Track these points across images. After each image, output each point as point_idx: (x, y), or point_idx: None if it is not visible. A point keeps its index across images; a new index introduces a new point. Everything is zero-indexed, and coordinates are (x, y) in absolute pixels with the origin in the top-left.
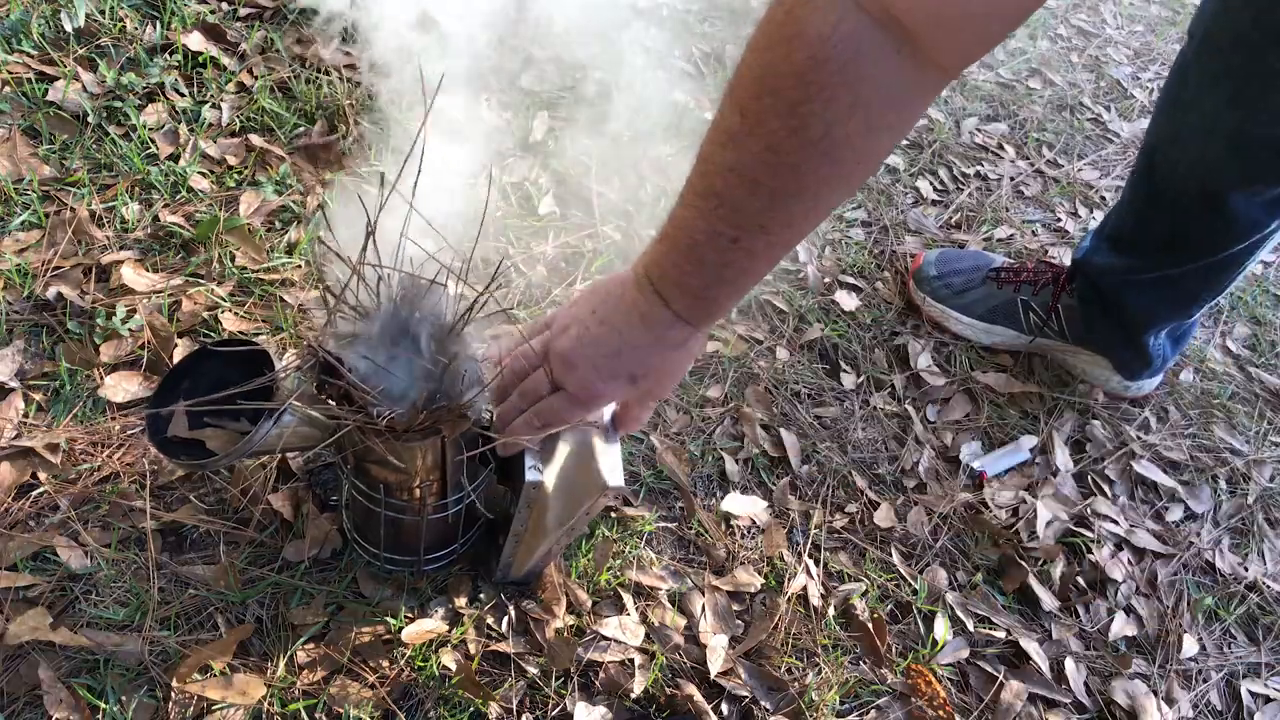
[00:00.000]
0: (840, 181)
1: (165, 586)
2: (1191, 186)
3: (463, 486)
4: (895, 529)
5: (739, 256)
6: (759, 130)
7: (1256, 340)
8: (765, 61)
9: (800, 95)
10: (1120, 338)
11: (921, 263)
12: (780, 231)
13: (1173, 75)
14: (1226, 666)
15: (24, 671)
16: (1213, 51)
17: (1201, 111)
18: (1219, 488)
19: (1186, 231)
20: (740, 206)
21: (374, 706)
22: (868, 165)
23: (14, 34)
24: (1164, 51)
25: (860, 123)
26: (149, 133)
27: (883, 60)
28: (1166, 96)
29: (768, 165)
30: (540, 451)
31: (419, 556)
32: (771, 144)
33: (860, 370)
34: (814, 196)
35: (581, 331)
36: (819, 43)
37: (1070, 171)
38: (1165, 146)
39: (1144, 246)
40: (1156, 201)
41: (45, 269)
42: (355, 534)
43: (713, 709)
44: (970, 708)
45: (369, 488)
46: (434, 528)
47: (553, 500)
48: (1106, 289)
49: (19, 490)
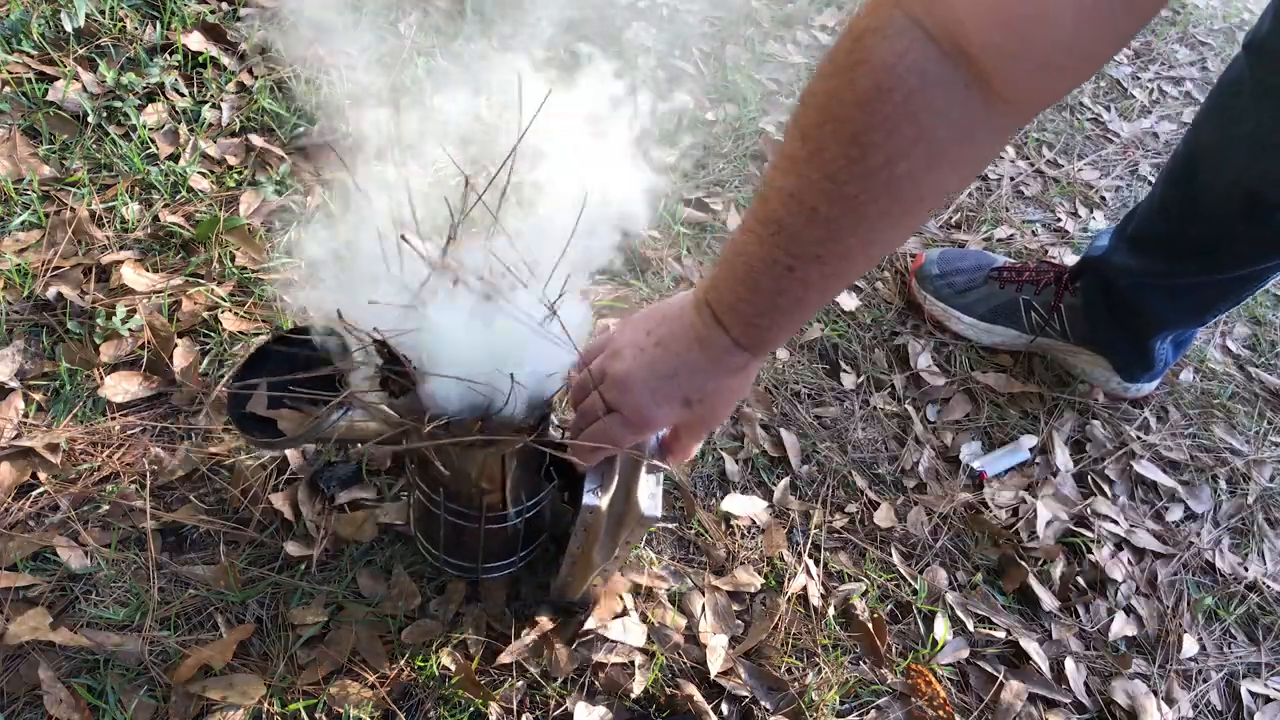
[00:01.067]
0: (900, 217)
1: (165, 586)
2: (1236, 196)
3: (522, 500)
4: (895, 529)
5: (794, 286)
6: (819, 158)
7: (1257, 340)
8: (830, 89)
9: (862, 124)
10: (1126, 339)
11: (923, 261)
12: (836, 263)
13: (1224, 84)
14: (1226, 666)
15: (24, 671)
16: (1270, 65)
17: (1257, 121)
18: (1219, 488)
19: (1224, 241)
20: (798, 235)
21: (374, 706)
22: (929, 202)
23: (14, 34)
24: (1164, 51)
25: (924, 156)
26: (149, 133)
27: (950, 93)
28: (1215, 103)
29: (826, 194)
30: (602, 476)
31: (478, 564)
32: (831, 172)
33: (860, 370)
34: (871, 229)
35: (637, 354)
36: (884, 71)
37: (1070, 171)
38: (1209, 154)
39: (1173, 251)
40: (1194, 208)
41: (45, 269)
42: (417, 530)
43: (713, 709)
44: (970, 708)
45: (430, 488)
46: (495, 537)
47: (606, 526)
48: (1121, 290)
49: (19, 490)
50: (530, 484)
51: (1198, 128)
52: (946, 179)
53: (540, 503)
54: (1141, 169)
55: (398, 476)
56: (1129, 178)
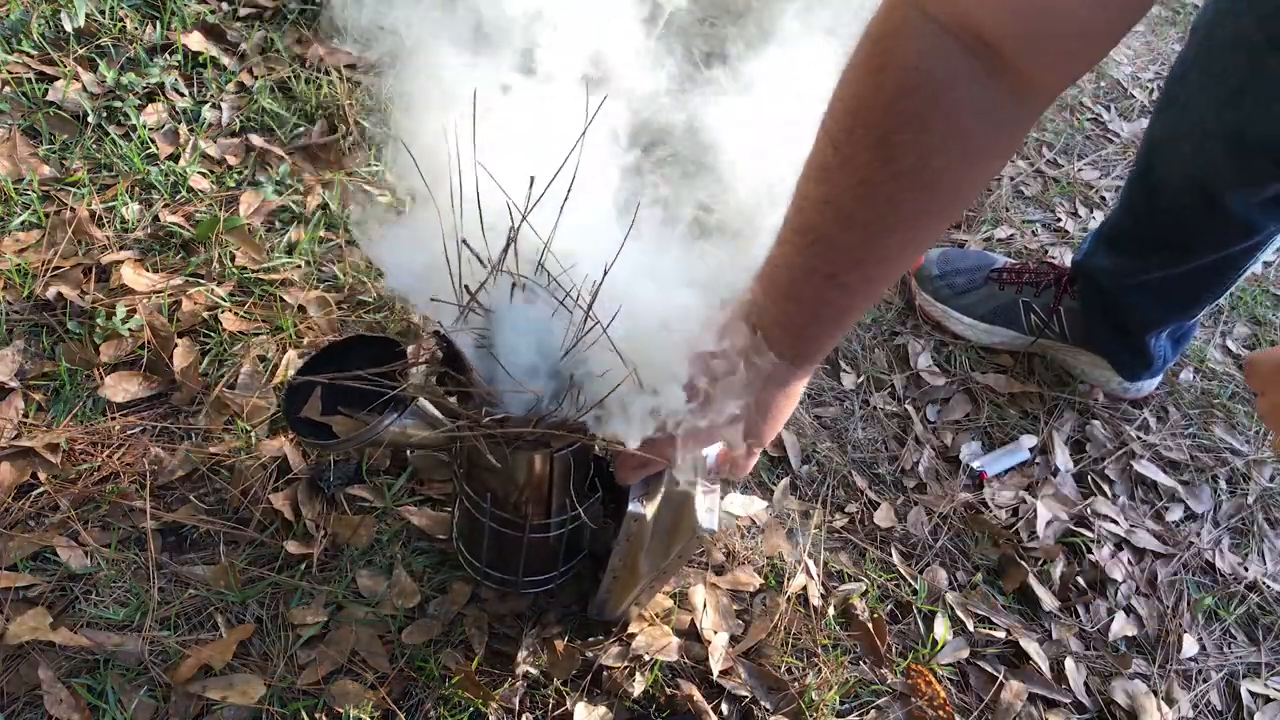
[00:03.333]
0: (937, 214)
1: (165, 586)
2: (1189, 187)
3: (567, 509)
4: (895, 529)
5: (836, 294)
6: (851, 163)
7: (1257, 340)
8: (855, 94)
9: (891, 126)
10: (1121, 339)
11: (923, 262)
12: (877, 266)
13: (1172, 74)
14: (1226, 666)
15: (24, 671)
16: (1213, 51)
17: (1200, 111)
18: (1219, 488)
19: (1184, 232)
20: (836, 242)
21: (374, 706)
22: (964, 195)
23: (14, 34)
24: (1164, 51)
25: (956, 150)
26: (149, 133)
27: (975, 84)
28: (1166, 96)
29: (861, 199)
30: (647, 486)
31: (518, 576)
32: (864, 177)
33: (860, 370)
34: (909, 229)
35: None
36: (907, 71)
37: (1070, 171)
38: (1163, 146)
39: (1142, 247)
40: (1154, 202)
41: (45, 269)
42: (459, 542)
43: (713, 709)
44: (970, 708)
45: (476, 494)
46: (536, 549)
47: (651, 539)
48: (1107, 290)
49: (19, 490)
50: (575, 493)
51: (1151, 123)
52: (979, 171)
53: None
54: None
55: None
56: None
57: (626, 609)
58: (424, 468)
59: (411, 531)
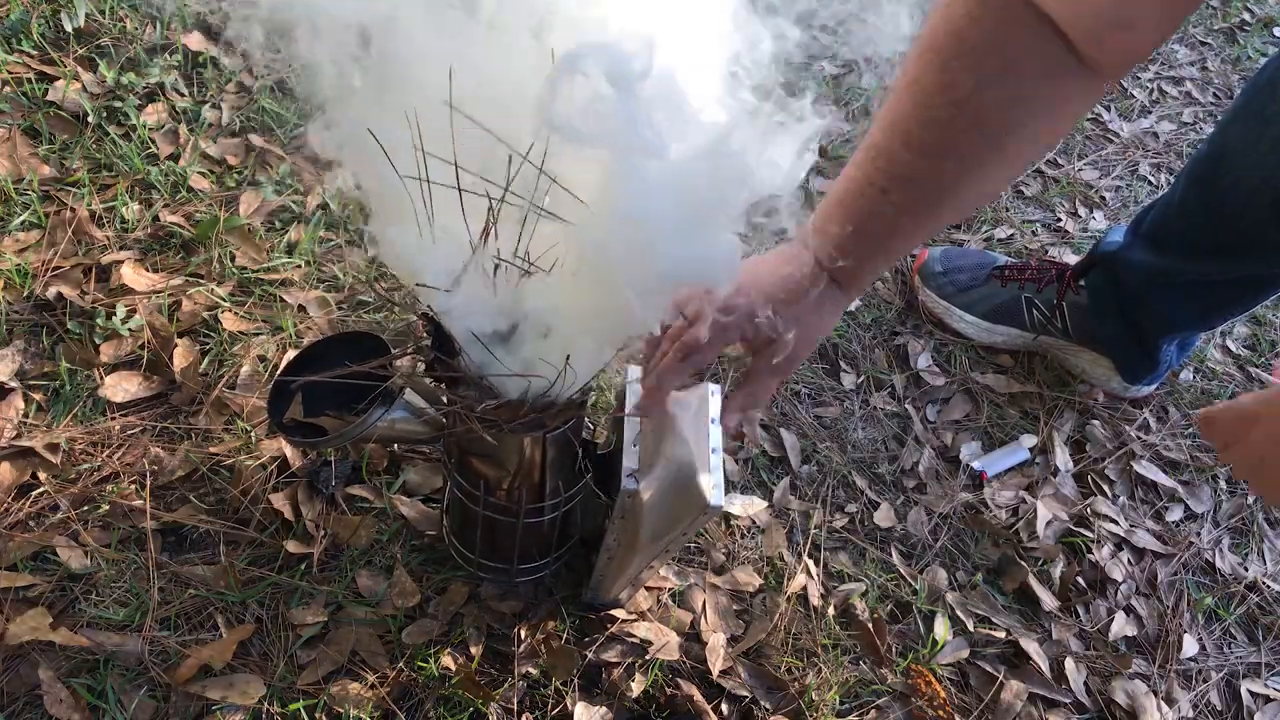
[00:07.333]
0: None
1: (165, 586)
2: (1264, 198)
3: (560, 491)
4: (895, 529)
5: (885, 208)
6: (916, 85)
7: (1257, 340)
8: (933, 21)
9: (953, 50)
10: (1133, 338)
11: (926, 259)
12: (928, 190)
13: (1258, 86)
14: (1226, 666)
15: (24, 671)
16: None
17: None
18: (1219, 488)
19: (1248, 241)
20: (894, 157)
21: (374, 706)
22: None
23: (14, 34)
24: (1163, 51)
25: (1010, 91)
26: (149, 133)
27: (1034, 35)
28: (1247, 106)
29: (919, 118)
30: (640, 464)
31: (513, 565)
32: (924, 99)
33: (860, 370)
34: (960, 161)
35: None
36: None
37: (1070, 171)
38: (1237, 155)
39: (1193, 250)
40: (1218, 208)
41: (45, 269)
42: (452, 536)
43: (713, 709)
44: (970, 708)
45: (469, 484)
46: (529, 535)
47: (648, 516)
48: (1132, 287)
49: (19, 490)
50: (567, 475)
51: (1225, 129)
52: (1032, 123)
53: (576, 496)
54: (1141, 169)
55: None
56: (1129, 178)
57: (622, 590)
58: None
59: (411, 531)
